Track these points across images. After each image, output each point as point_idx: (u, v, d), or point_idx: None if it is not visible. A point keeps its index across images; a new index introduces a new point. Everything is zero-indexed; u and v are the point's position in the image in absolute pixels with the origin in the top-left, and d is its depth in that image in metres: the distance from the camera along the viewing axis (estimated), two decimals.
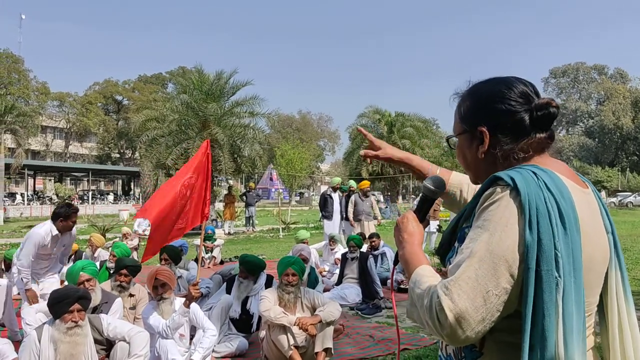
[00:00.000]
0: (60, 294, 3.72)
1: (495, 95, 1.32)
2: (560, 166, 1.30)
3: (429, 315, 1.15)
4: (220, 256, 11.62)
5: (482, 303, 1.10)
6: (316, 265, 8.57)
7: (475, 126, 1.34)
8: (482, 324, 1.11)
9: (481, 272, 1.11)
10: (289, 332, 4.55)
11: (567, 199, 1.17)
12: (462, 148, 1.41)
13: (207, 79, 21.19)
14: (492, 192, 1.21)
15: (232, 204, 19.68)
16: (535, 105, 1.29)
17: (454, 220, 1.35)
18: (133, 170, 44.94)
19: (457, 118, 1.42)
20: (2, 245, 15.41)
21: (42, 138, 55.14)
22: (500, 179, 1.21)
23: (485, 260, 1.12)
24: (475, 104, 1.36)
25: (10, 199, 38.32)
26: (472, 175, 1.44)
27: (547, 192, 1.16)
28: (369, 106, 35.73)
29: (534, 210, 1.13)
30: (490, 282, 1.11)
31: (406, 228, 1.43)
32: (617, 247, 1.31)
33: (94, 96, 57.42)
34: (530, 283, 1.11)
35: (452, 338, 1.12)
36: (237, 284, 5.60)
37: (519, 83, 1.33)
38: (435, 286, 1.16)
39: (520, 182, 1.16)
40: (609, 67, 70.21)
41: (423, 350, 5.15)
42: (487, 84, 1.37)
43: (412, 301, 1.23)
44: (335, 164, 74.26)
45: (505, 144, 1.30)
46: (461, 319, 1.09)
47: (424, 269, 1.28)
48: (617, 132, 60.92)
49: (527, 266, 1.11)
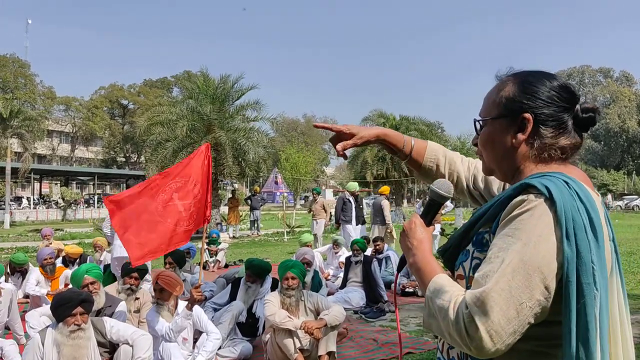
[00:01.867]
0: (63, 297, 3.73)
1: (544, 85, 1.27)
2: (581, 175, 1.26)
3: (455, 327, 1.11)
4: (224, 260, 11.62)
5: (514, 315, 1.07)
6: (320, 268, 8.56)
7: (518, 112, 1.27)
8: (513, 337, 1.08)
9: (515, 283, 1.08)
10: (294, 336, 4.54)
11: (595, 210, 1.14)
12: (493, 133, 1.33)
13: (212, 83, 21.26)
14: (523, 199, 1.16)
15: (236, 208, 19.70)
16: (582, 108, 1.26)
17: (469, 222, 1.30)
18: (138, 174, 45.04)
19: (494, 101, 1.34)
20: (8, 249, 15.46)
21: (48, 142, 55.36)
22: (533, 187, 1.16)
23: (519, 271, 1.08)
24: (521, 89, 1.29)
25: (17, 203, 38.50)
26: (493, 164, 1.36)
27: (579, 202, 1.13)
28: (374, 110, 35.70)
29: (570, 221, 1.10)
30: (524, 294, 1.07)
31: (415, 234, 1.36)
32: (617, 254, 1.29)
33: (99, 100, 57.69)
34: (572, 296, 1.08)
35: (481, 351, 1.08)
36: (245, 289, 5.61)
37: (564, 80, 1.30)
38: (463, 297, 1.12)
39: (556, 192, 1.13)
40: (615, 70, 70.04)
41: (427, 354, 5.14)
42: (536, 74, 1.32)
43: (431, 312, 1.19)
44: (340, 167, 74.23)
45: (546, 137, 1.25)
46: (493, 331, 1.06)
47: (441, 278, 1.23)
48: (623, 135, 60.68)
49: (568, 279, 1.08)
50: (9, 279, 7.04)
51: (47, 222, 30.78)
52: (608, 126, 60.95)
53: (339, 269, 9.00)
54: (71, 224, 29.81)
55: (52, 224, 26.61)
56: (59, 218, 34.19)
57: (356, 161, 35.06)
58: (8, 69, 49.86)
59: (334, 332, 4.63)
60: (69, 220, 33.68)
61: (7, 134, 28.95)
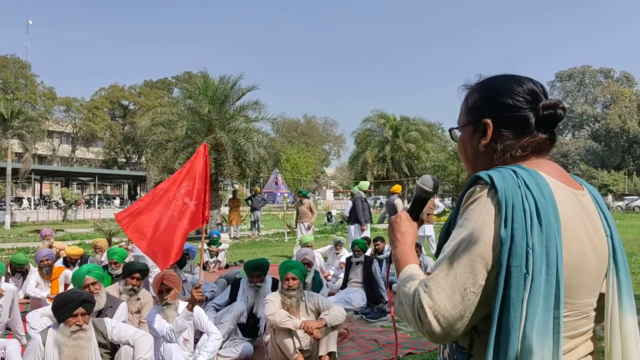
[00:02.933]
0: (65, 298, 3.73)
1: (503, 90, 1.32)
2: (551, 167, 1.29)
3: (411, 312, 1.16)
4: (225, 260, 11.63)
5: (460, 300, 1.11)
6: (321, 269, 8.56)
7: (480, 118, 1.34)
8: (460, 321, 1.12)
9: (459, 269, 1.12)
10: (294, 336, 4.55)
11: (547, 196, 1.16)
12: (464, 140, 1.41)
13: (212, 84, 21.27)
14: (472, 191, 1.22)
15: (237, 208, 19.69)
16: (543, 105, 1.29)
17: (447, 222, 1.35)
18: (139, 174, 45.07)
19: (463, 110, 1.42)
20: (9, 250, 15.46)
21: (48, 143, 55.38)
22: (480, 178, 1.21)
23: (463, 258, 1.13)
24: (482, 97, 1.36)
25: (17, 204, 38.52)
26: (471, 169, 1.42)
27: (525, 189, 1.16)
28: (374, 110, 35.83)
29: (510, 207, 1.13)
30: (468, 279, 1.12)
31: (399, 227, 1.44)
32: (615, 251, 1.29)
33: (100, 101, 57.65)
34: (501, 279, 1.11)
35: (432, 335, 1.13)
36: (253, 292, 5.61)
37: (529, 81, 1.33)
38: (417, 284, 1.18)
39: (498, 180, 1.17)
40: (615, 71, 69.90)
41: (428, 355, 5.13)
42: (497, 79, 1.37)
43: (399, 299, 1.24)
44: (341, 168, 74.30)
45: (507, 139, 1.30)
46: (440, 316, 1.11)
47: (411, 268, 1.29)
48: (624, 136, 60.60)
49: (500, 263, 1.11)
50: (9, 279, 7.04)
51: (47, 222, 30.80)
52: (608, 127, 60.89)
53: (339, 269, 9.01)
54: (72, 224, 29.83)
55: (52, 225, 26.63)
56: (59, 219, 34.21)
57: (357, 162, 35.10)
58: (9, 69, 49.83)
59: (334, 333, 4.63)
60: (69, 220, 33.71)
61: (7, 134, 28.91)
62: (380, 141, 34.76)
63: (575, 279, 1.18)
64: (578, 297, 1.20)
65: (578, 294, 1.20)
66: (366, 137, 35.96)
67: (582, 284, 1.21)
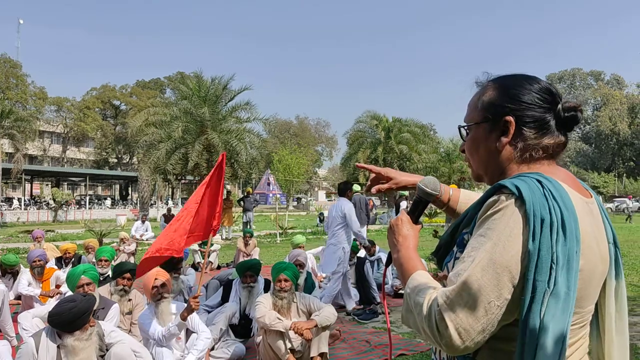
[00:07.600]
0: (82, 308, 3.57)
1: (524, 87, 1.29)
2: (565, 175, 1.27)
3: (427, 323, 1.13)
4: (217, 261, 11.62)
5: (483, 314, 1.08)
6: (313, 270, 8.57)
7: (500, 115, 1.29)
8: (482, 335, 1.09)
9: (484, 282, 1.09)
10: (285, 337, 4.55)
11: (570, 209, 1.14)
12: (478, 139, 1.34)
13: (204, 85, 21.23)
14: (496, 200, 1.17)
15: (229, 209, 19.66)
16: (565, 107, 1.27)
17: (454, 224, 1.32)
18: (131, 175, 44.87)
19: (476, 107, 1.36)
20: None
21: (39, 143, 54.94)
22: (505, 187, 1.17)
23: (488, 270, 1.09)
24: (502, 93, 1.30)
25: (7, 204, 38.22)
26: (482, 169, 1.37)
27: (552, 201, 1.13)
28: (367, 111, 35.79)
29: (538, 220, 1.10)
30: (493, 292, 1.08)
31: (400, 231, 1.39)
32: (617, 258, 1.29)
33: (91, 101, 57.34)
34: (527, 294, 1.09)
35: (451, 348, 1.10)
36: (246, 292, 5.61)
37: (545, 82, 1.31)
38: (435, 294, 1.14)
39: (526, 191, 1.14)
40: (606, 73, 70.53)
41: (420, 356, 5.16)
42: (515, 77, 1.33)
43: (408, 307, 1.21)
44: (333, 169, 74.26)
45: (529, 138, 1.26)
46: (461, 329, 1.08)
47: (420, 275, 1.25)
48: (614, 138, 61.11)
49: (526, 277, 1.09)
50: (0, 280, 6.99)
51: (37, 223, 30.57)
52: (599, 129, 61.36)
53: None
54: (62, 225, 29.63)
55: (43, 225, 26.45)
56: (50, 219, 33.97)
57: (349, 163, 35.06)
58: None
59: (325, 333, 4.64)
60: (60, 221, 33.48)
61: None
62: (372, 142, 34.76)
63: (587, 290, 1.18)
64: (584, 306, 1.20)
65: (586, 303, 1.20)
66: (358, 139, 35.96)
67: (590, 293, 1.21)
